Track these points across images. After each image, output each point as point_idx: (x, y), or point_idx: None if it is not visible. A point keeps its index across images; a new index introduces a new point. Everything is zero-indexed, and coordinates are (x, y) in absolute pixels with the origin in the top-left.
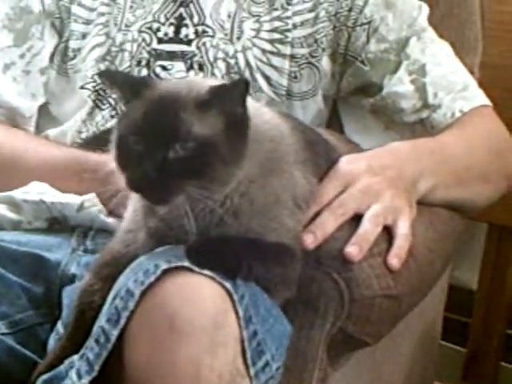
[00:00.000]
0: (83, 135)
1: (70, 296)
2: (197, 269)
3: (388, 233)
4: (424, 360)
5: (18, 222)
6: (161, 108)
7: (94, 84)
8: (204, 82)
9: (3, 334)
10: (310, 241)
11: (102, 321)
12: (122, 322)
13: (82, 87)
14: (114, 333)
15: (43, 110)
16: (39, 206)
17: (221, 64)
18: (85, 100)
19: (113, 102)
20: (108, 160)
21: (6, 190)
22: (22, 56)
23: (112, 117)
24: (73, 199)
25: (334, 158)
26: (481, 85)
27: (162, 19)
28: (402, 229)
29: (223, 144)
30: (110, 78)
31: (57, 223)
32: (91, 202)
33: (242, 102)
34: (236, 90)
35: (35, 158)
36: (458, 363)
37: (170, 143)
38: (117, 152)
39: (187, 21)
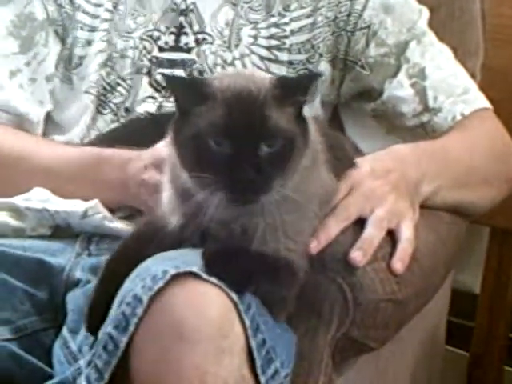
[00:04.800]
0: (86, 141)
1: (74, 301)
2: (204, 276)
3: (391, 236)
4: (428, 364)
5: (21, 230)
6: (243, 107)
7: (97, 89)
8: (256, 76)
9: (7, 339)
10: (312, 245)
11: (108, 327)
12: (131, 328)
13: (85, 92)
14: (123, 339)
15: (46, 116)
16: (42, 214)
17: (219, 70)
18: (86, 105)
19: (114, 107)
20: (122, 151)
21: (20, 186)
22: (27, 63)
23: (113, 121)
24: (76, 207)
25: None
26: (481, 87)
27: (163, 28)
28: (406, 232)
29: (299, 136)
30: (174, 83)
31: (60, 230)
32: (95, 210)
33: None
34: (308, 82)
35: (48, 153)
36: (462, 367)
37: (260, 142)
38: (193, 155)
39: (187, 29)
